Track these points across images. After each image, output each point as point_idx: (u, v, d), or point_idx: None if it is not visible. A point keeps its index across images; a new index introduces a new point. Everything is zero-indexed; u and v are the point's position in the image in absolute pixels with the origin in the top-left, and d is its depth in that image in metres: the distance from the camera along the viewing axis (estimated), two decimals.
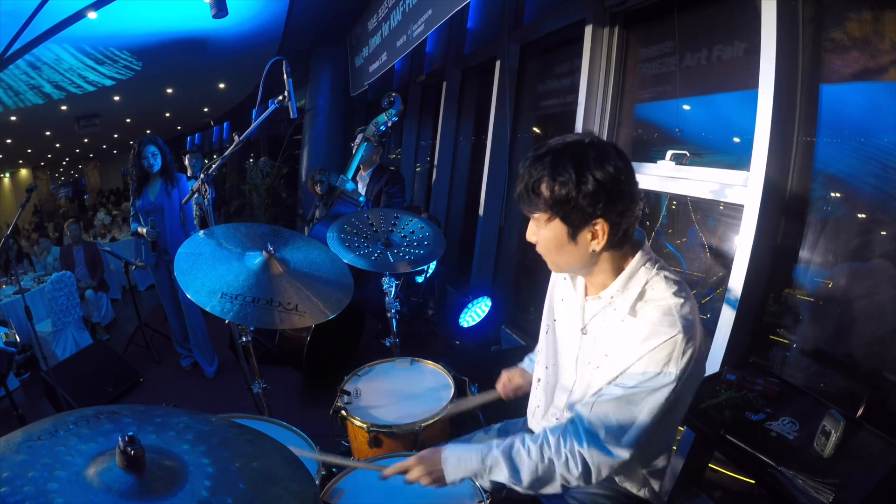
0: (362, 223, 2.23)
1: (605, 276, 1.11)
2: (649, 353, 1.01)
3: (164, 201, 3.32)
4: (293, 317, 1.53)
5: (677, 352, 1.00)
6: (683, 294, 1.05)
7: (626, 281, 1.08)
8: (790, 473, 1.27)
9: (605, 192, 0.98)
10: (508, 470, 1.06)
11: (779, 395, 1.56)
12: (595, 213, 1.00)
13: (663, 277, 1.07)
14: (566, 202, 0.99)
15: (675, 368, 1.00)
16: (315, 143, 6.92)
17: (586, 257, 1.07)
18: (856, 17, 1.66)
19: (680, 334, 1.00)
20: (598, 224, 1.01)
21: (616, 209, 1.00)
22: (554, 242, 1.06)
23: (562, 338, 1.27)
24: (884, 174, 1.62)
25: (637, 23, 2.66)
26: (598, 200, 0.98)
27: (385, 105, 3.04)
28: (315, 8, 5.40)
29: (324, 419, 1.73)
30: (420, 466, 1.11)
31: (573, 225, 1.02)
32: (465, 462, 1.09)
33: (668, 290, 1.05)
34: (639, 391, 1.02)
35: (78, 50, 5.50)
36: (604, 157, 0.98)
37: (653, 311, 1.04)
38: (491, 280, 4.02)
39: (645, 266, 1.09)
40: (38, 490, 0.63)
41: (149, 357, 4.11)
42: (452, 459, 1.10)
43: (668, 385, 1.00)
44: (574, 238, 1.04)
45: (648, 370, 1.01)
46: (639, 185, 1.04)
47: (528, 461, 1.06)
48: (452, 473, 1.10)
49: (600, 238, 1.02)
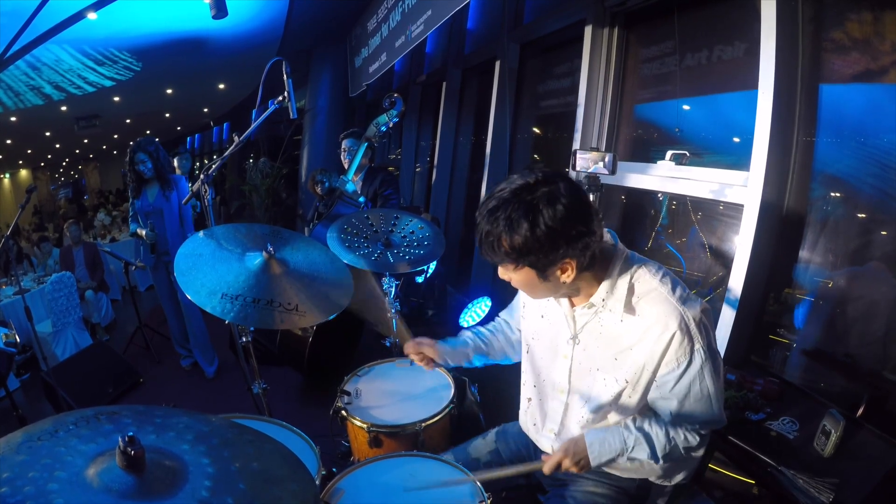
0: (362, 223, 2.23)
1: (588, 289, 1.14)
2: (669, 348, 1.05)
3: (163, 204, 3.32)
4: (294, 317, 1.53)
5: (693, 332, 1.04)
6: (667, 276, 1.11)
7: (612, 283, 1.11)
8: (790, 473, 1.27)
9: (562, 236, 0.99)
10: (648, 448, 1.13)
11: (779, 394, 1.56)
12: (558, 256, 1.01)
13: (644, 268, 1.11)
14: (528, 252, 1.01)
15: (700, 343, 1.05)
16: (315, 144, 6.93)
17: (561, 286, 1.10)
18: (856, 17, 1.66)
19: (682, 318, 1.04)
20: (566, 262, 1.03)
21: (577, 246, 1.01)
22: (527, 283, 1.10)
23: (545, 354, 1.28)
24: (883, 174, 1.62)
25: (637, 23, 2.66)
26: (557, 245, 1.00)
27: (386, 106, 3.02)
28: (315, 8, 5.40)
29: (324, 419, 1.73)
30: (570, 458, 1.17)
31: (540, 269, 1.04)
32: (609, 445, 1.15)
33: (653, 278, 1.10)
34: (690, 387, 1.07)
35: (78, 51, 5.51)
36: (553, 198, 0.98)
37: (649, 305, 1.08)
38: (491, 280, 4.02)
39: (625, 263, 1.12)
40: (38, 490, 0.63)
41: (149, 357, 4.10)
42: (596, 445, 1.16)
43: (705, 362, 1.05)
44: (545, 278, 1.06)
45: (680, 362, 1.05)
46: (595, 209, 1.05)
47: (659, 440, 1.13)
48: (598, 458, 1.16)
49: (570, 272, 1.05)
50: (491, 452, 1.46)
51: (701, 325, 1.05)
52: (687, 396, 1.08)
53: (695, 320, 1.04)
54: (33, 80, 6.39)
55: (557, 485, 1.34)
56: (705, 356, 1.05)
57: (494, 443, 1.48)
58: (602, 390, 1.17)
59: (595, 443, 1.16)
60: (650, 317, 1.07)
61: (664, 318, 1.05)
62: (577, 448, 1.17)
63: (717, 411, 1.11)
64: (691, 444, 1.14)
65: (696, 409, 1.10)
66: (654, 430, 1.13)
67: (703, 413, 1.10)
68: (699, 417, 1.11)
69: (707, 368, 1.06)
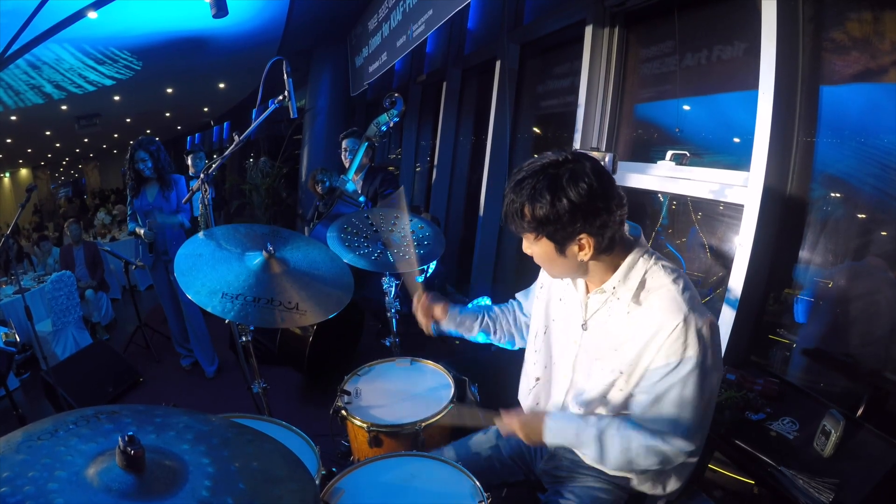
0: (362, 223, 2.23)
1: (603, 274, 1.16)
2: (664, 345, 1.06)
3: (162, 203, 3.32)
4: (294, 315, 1.53)
5: (691, 335, 1.04)
6: (682, 281, 1.11)
7: (625, 273, 1.14)
8: (790, 473, 1.27)
9: (581, 211, 1.03)
10: (597, 451, 1.15)
11: (779, 394, 1.56)
12: (576, 230, 1.06)
13: (661, 266, 1.13)
14: (547, 223, 1.06)
15: (695, 351, 1.04)
16: (315, 143, 6.93)
17: (578, 265, 1.13)
18: (856, 17, 1.66)
19: (685, 319, 1.04)
20: (583, 238, 1.07)
21: (595, 223, 1.05)
22: (546, 257, 1.13)
23: (560, 337, 1.30)
24: (884, 174, 1.62)
25: (637, 23, 2.66)
26: (575, 219, 1.04)
27: (387, 105, 3.02)
28: (315, 8, 5.40)
29: (324, 419, 1.73)
30: (523, 431, 1.24)
31: (558, 241, 1.09)
32: (564, 433, 1.20)
33: (667, 276, 1.11)
34: (670, 386, 1.06)
35: (78, 50, 5.50)
36: (577, 175, 1.03)
37: (657, 300, 1.09)
38: (491, 279, 4.02)
39: (643, 258, 1.14)
40: (38, 490, 0.63)
41: (149, 357, 4.11)
42: (553, 429, 1.21)
43: (694, 370, 1.05)
44: (562, 252, 1.10)
45: (670, 361, 1.06)
46: (618, 192, 1.08)
47: (615, 447, 1.13)
48: (551, 441, 1.22)
49: (587, 249, 1.09)
50: (492, 448, 1.48)
51: (700, 335, 1.05)
52: (663, 397, 1.08)
53: (696, 327, 1.04)
54: (34, 78, 6.39)
55: (557, 482, 1.34)
56: (695, 365, 1.04)
57: (495, 439, 1.49)
58: (597, 381, 1.19)
59: (553, 427, 1.21)
60: (655, 311, 1.08)
61: (668, 314, 1.06)
62: (534, 424, 1.23)
63: (689, 426, 1.08)
64: (648, 462, 1.11)
65: (668, 414, 1.08)
66: (610, 438, 1.13)
67: (673, 420, 1.08)
68: (667, 423, 1.08)
69: (693, 379, 1.05)
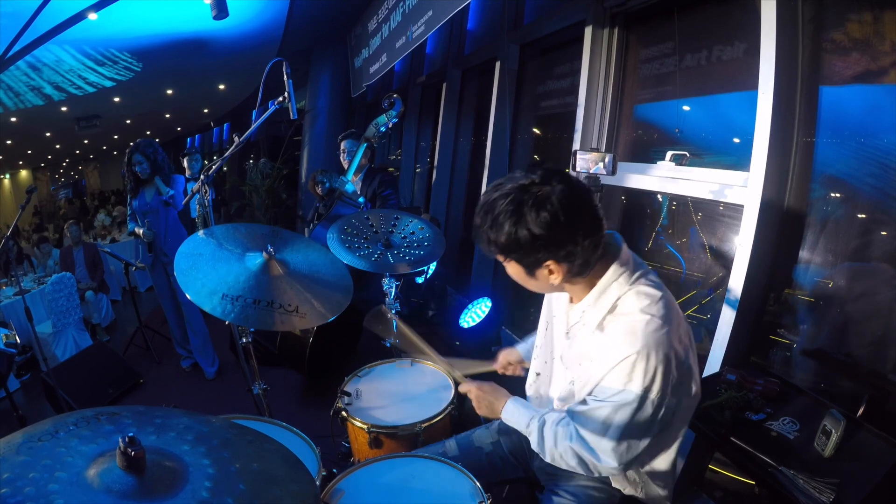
0: (362, 224, 2.23)
1: (580, 292, 1.14)
2: (611, 370, 1.03)
3: (160, 204, 3.33)
4: (294, 318, 1.53)
5: (638, 370, 1.00)
6: (654, 309, 1.04)
7: (597, 297, 1.10)
8: (790, 473, 1.27)
9: (543, 241, 0.99)
10: (538, 442, 1.20)
11: (779, 394, 1.56)
12: (540, 258, 1.03)
13: (636, 292, 1.06)
14: (510, 250, 1.04)
15: (638, 386, 1.01)
16: (315, 145, 6.93)
17: (551, 287, 1.11)
18: (856, 17, 1.67)
19: (640, 352, 1.00)
20: (550, 264, 1.04)
21: (559, 253, 1.01)
22: (518, 277, 1.12)
23: (556, 335, 1.30)
24: (883, 174, 1.62)
25: (637, 23, 2.66)
26: (537, 249, 1.01)
27: (385, 106, 3.02)
28: (315, 9, 5.41)
29: (324, 420, 1.73)
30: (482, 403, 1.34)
31: (526, 266, 1.06)
32: (517, 418, 1.27)
33: (637, 304, 1.05)
34: (603, 406, 1.06)
35: (78, 51, 5.51)
36: (540, 204, 0.97)
37: (617, 328, 1.06)
38: (491, 280, 4.02)
39: (618, 281, 1.08)
40: (38, 491, 0.63)
41: (149, 358, 4.10)
42: (510, 410, 1.29)
43: (630, 403, 1.02)
44: (532, 275, 1.08)
45: (613, 386, 1.04)
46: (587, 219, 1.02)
47: (549, 441, 1.18)
48: (506, 419, 1.30)
49: (556, 274, 1.06)
50: (493, 443, 1.48)
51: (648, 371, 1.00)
52: (596, 411, 1.07)
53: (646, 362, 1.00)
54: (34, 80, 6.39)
55: (552, 480, 1.35)
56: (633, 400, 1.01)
57: (497, 434, 1.50)
58: (562, 386, 1.21)
59: (511, 409, 1.28)
60: (613, 337, 1.05)
61: (622, 345, 1.02)
62: (495, 400, 1.32)
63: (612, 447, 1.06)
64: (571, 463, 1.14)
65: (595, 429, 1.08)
66: (547, 431, 1.18)
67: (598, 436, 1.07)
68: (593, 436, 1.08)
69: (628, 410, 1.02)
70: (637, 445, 1.08)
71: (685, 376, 1.07)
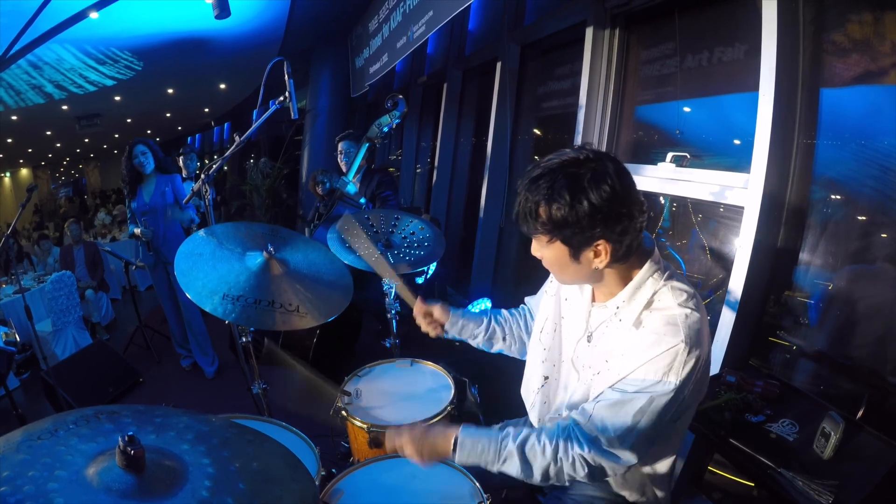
0: (363, 224, 2.23)
1: (613, 286, 1.10)
2: (650, 360, 1.00)
3: (159, 202, 3.33)
4: (294, 318, 1.53)
5: (678, 361, 0.98)
6: (692, 304, 1.03)
7: (633, 291, 1.07)
8: (790, 475, 1.27)
9: (602, 215, 0.96)
10: (520, 465, 1.05)
11: (778, 396, 1.56)
12: (594, 235, 0.99)
13: (671, 287, 1.06)
14: (564, 225, 0.98)
15: (676, 378, 0.99)
16: (316, 144, 6.93)
17: (591, 273, 1.06)
18: (856, 19, 1.67)
19: (682, 344, 0.98)
20: (600, 244, 1.00)
21: (615, 229, 0.98)
22: (557, 261, 1.06)
23: (567, 338, 1.26)
24: (884, 176, 1.62)
25: (638, 24, 2.66)
26: (595, 224, 0.97)
27: (388, 106, 3.00)
28: (316, 9, 5.41)
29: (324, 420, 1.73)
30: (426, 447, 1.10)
31: (574, 246, 1.02)
32: (480, 448, 1.08)
33: (675, 299, 1.03)
34: (637, 397, 1.00)
35: (79, 50, 5.51)
36: (600, 176, 0.96)
37: (657, 321, 1.03)
38: (491, 281, 4.02)
39: (653, 277, 1.07)
40: (38, 490, 0.63)
41: (149, 357, 4.11)
42: (468, 446, 1.08)
43: (667, 394, 0.99)
44: (577, 258, 1.03)
45: (648, 377, 1.00)
46: (639, 197, 1.01)
47: (540, 459, 1.05)
48: (463, 459, 1.09)
49: (603, 256, 1.02)
50: None
51: (687, 366, 0.98)
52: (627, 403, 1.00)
53: (686, 356, 0.98)
54: (35, 78, 6.39)
55: (555, 487, 1.33)
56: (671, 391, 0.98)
57: None
58: (595, 389, 1.11)
59: (468, 439, 1.08)
60: (654, 329, 1.02)
61: (666, 335, 1.00)
62: (437, 436, 1.10)
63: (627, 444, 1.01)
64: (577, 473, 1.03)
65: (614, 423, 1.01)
66: (535, 450, 1.05)
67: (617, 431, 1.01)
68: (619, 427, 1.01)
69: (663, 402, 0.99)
70: (654, 438, 1.04)
71: (705, 375, 1.07)
